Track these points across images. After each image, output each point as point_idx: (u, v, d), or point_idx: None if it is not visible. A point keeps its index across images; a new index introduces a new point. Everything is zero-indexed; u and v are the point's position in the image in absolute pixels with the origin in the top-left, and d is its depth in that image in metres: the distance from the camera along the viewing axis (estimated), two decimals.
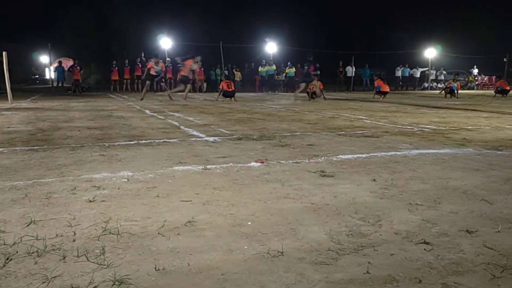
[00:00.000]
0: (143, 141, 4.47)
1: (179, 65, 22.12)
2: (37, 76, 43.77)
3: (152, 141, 4.51)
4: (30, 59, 47.98)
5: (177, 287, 1.37)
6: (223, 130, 5.48)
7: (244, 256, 1.60)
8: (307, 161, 3.44)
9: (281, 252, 1.62)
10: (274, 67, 23.52)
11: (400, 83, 26.90)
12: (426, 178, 2.86)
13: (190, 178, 2.82)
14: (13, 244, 1.67)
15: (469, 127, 6.00)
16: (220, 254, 1.62)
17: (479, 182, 2.74)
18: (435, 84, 28.04)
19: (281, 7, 36.87)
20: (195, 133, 5.23)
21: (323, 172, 2.98)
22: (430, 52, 28.20)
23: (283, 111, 9.16)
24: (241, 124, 6.26)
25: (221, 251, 1.64)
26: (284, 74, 24.05)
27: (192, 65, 13.13)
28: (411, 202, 2.29)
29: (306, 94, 14.44)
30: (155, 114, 8.04)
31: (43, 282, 1.38)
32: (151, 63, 13.56)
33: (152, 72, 13.44)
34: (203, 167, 3.13)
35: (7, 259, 1.53)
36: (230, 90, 13.14)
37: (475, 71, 29.72)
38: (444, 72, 28.61)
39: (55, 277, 1.42)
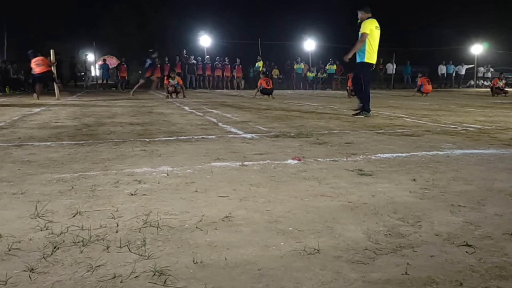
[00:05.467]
0: (182, 137, 4.56)
1: (216, 63, 22.45)
2: (83, 74, 45.40)
3: (191, 137, 4.59)
4: (77, 57, 49.84)
5: (214, 280, 1.39)
6: (261, 127, 5.50)
7: (280, 253, 1.61)
8: (345, 159, 3.40)
9: (318, 250, 1.62)
10: (302, 65, 23.61)
11: (444, 81, 26.00)
12: (470, 179, 2.76)
13: (227, 174, 2.86)
14: (60, 234, 1.76)
15: None
16: (257, 249, 1.63)
17: None
18: (481, 82, 26.91)
19: (319, 3, 36.33)
20: (232, 130, 5.28)
21: (361, 170, 2.94)
22: (476, 49, 27.07)
23: (321, 108, 9.07)
24: (279, 122, 6.26)
25: (257, 247, 1.66)
26: (324, 72, 24.00)
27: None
28: (453, 203, 2.22)
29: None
30: (194, 111, 8.18)
31: (88, 271, 1.44)
32: (166, 79, 13.30)
33: (169, 86, 13.11)
34: (240, 164, 3.16)
35: (55, 247, 1.61)
36: (269, 87, 13.18)
37: None
38: (492, 69, 27.37)
39: (99, 266, 1.48)
